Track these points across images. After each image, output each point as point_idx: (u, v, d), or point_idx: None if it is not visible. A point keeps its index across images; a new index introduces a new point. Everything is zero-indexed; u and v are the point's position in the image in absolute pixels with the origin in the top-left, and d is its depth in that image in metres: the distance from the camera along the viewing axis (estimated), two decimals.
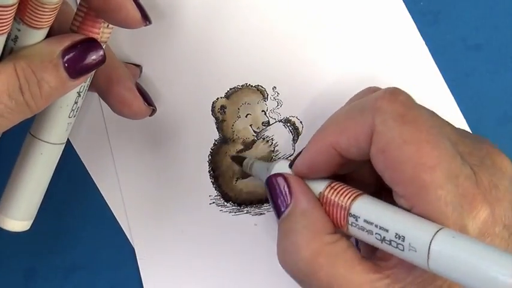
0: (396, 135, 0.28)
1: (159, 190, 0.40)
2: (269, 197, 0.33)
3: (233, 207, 0.40)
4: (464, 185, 0.28)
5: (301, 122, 0.40)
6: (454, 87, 0.39)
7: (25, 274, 0.41)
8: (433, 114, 0.31)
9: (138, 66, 0.39)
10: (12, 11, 0.27)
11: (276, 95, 0.40)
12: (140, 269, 0.40)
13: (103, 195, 0.41)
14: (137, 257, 0.40)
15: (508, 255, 0.24)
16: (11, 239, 0.34)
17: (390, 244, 0.27)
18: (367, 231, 0.28)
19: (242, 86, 0.40)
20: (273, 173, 0.34)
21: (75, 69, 0.30)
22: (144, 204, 0.40)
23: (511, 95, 0.40)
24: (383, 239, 0.28)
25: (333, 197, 0.31)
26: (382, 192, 0.31)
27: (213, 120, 0.40)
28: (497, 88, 0.40)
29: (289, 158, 0.40)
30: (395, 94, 0.29)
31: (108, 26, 0.32)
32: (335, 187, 0.31)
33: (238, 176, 0.40)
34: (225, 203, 0.40)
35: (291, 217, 0.31)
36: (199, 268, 0.40)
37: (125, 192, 0.40)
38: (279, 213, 0.32)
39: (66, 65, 0.30)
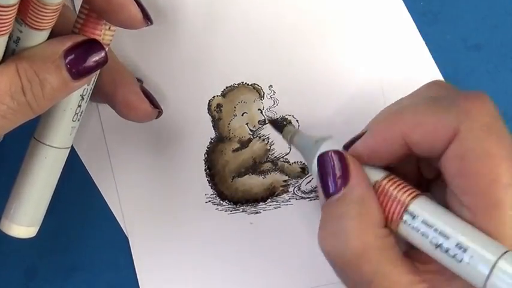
0: (478, 146, 0.27)
1: (155, 189, 0.40)
2: (318, 173, 0.31)
3: (229, 206, 0.40)
4: None
5: (297, 120, 0.39)
6: None
7: (26, 274, 0.41)
8: None
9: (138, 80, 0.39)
10: (12, 11, 0.27)
11: (272, 93, 0.39)
12: (136, 268, 0.40)
13: (103, 195, 0.41)
14: (133, 256, 0.40)
15: None
16: (12, 239, 0.34)
17: (446, 252, 0.27)
18: (421, 233, 0.28)
19: (238, 84, 0.40)
20: (323, 149, 0.31)
21: (78, 70, 0.30)
22: (140, 203, 0.40)
23: (511, 95, 0.40)
24: (438, 245, 0.27)
25: (391, 189, 0.29)
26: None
27: (209, 118, 0.40)
28: (497, 88, 0.39)
29: (285, 156, 0.40)
30: (484, 101, 0.28)
31: (109, 28, 0.32)
32: (394, 179, 0.30)
33: (234, 175, 0.40)
34: (221, 202, 0.40)
35: (345, 201, 0.29)
36: (195, 266, 0.40)
37: (121, 191, 0.40)
38: (327, 193, 0.30)
39: (68, 66, 0.30)
